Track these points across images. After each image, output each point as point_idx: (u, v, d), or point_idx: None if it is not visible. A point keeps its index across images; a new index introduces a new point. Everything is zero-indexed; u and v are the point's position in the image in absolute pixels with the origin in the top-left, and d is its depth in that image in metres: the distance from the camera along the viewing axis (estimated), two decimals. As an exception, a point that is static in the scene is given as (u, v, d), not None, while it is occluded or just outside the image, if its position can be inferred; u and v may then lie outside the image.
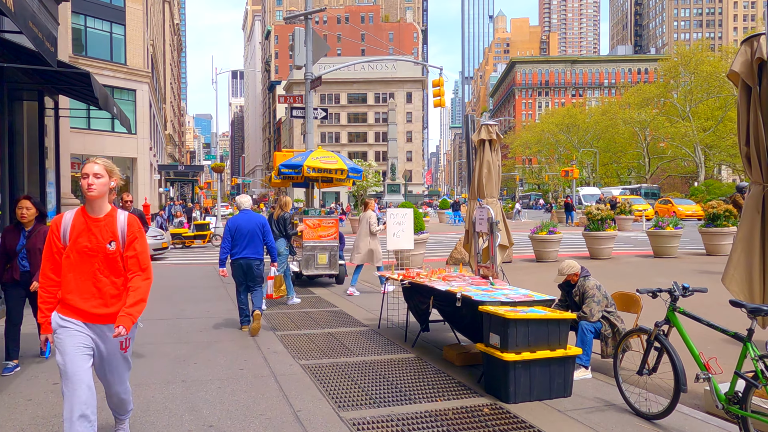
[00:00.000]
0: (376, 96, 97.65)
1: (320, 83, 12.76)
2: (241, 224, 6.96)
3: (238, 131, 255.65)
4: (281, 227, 8.92)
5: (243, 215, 7.08)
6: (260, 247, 7.02)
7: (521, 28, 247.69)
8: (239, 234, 6.93)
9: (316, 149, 11.22)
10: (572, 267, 5.35)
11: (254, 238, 6.95)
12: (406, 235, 7.36)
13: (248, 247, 6.91)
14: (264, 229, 7.03)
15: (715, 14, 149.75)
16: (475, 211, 6.26)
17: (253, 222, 7.01)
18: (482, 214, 6.07)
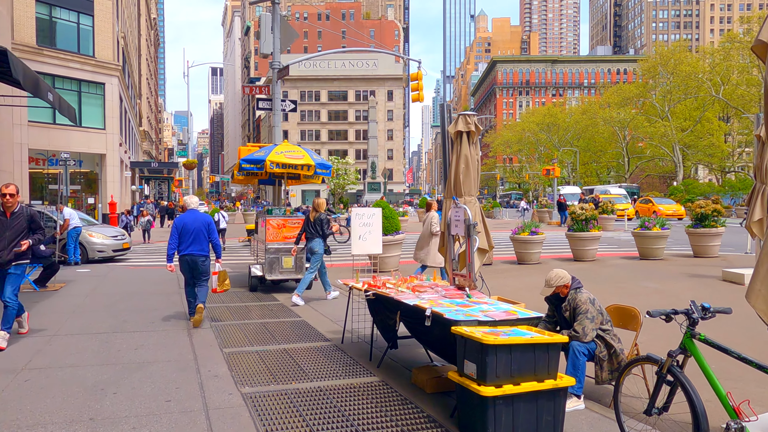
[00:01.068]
0: (356, 93, 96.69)
1: (288, 73, 11.88)
2: (187, 223, 7.38)
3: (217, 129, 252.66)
4: (318, 228, 9.16)
5: (190, 214, 7.51)
6: (205, 244, 7.42)
7: (502, 28, 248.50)
8: (185, 231, 7.34)
9: (281, 143, 10.33)
10: (561, 278, 4.57)
11: (199, 235, 7.36)
12: (374, 238, 6.53)
13: (193, 244, 7.33)
14: (209, 228, 7.44)
15: (693, 16, 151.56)
16: (450, 211, 5.46)
17: (199, 221, 7.42)
18: (458, 215, 5.27)
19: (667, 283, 9.96)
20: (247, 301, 9.24)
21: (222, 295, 9.71)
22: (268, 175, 11.06)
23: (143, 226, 21.76)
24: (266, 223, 9.87)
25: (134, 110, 54.05)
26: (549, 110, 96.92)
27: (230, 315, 8.07)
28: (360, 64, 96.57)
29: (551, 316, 4.79)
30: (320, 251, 9.13)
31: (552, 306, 4.80)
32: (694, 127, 65.77)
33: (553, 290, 4.58)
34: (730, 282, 9.75)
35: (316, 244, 9.10)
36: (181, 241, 7.32)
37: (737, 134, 77.73)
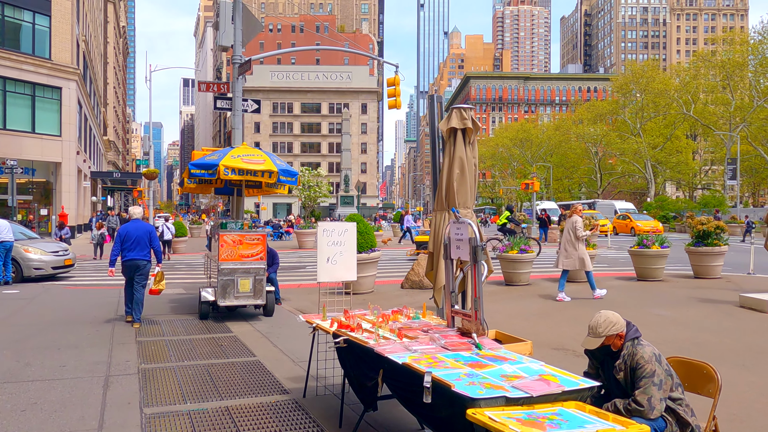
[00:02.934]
0: (330, 106, 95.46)
1: (249, 68, 10.46)
2: (130, 231, 8.19)
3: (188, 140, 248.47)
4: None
5: (133, 223, 8.34)
6: (147, 250, 8.24)
7: (475, 45, 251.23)
8: (128, 239, 8.13)
9: (239, 146, 8.88)
10: (613, 324, 3.24)
11: (141, 242, 8.17)
12: (346, 261, 5.13)
13: (136, 249, 8.14)
14: (151, 236, 8.28)
15: (660, 37, 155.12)
16: (449, 227, 4.13)
17: (141, 229, 8.28)
18: (460, 233, 3.93)
19: (680, 310, 8.77)
20: (193, 333, 7.71)
21: (165, 326, 8.16)
22: (223, 182, 9.59)
23: (96, 240, 19.83)
24: (220, 238, 8.38)
25: (97, 119, 51.72)
26: (522, 126, 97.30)
27: (169, 353, 6.55)
28: (334, 76, 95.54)
29: (594, 375, 3.44)
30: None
31: (595, 361, 3.46)
32: (665, 145, 66.26)
33: (603, 341, 3.24)
34: (749, 309, 8.61)
35: None
36: (124, 248, 8.12)
37: (704, 152, 78.85)
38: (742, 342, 6.75)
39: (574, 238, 9.93)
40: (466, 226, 3.94)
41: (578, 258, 9.89)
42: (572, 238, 9.96)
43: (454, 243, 4.05)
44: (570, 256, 9.96)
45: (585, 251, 9.95)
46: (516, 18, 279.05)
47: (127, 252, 8.06)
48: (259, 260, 8.61)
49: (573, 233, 9.94)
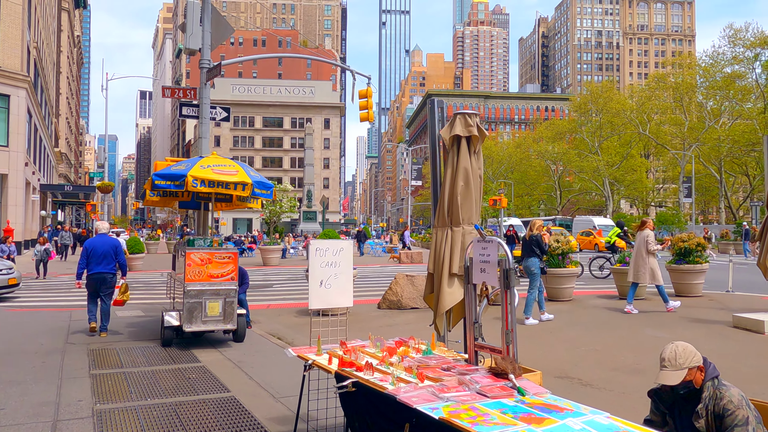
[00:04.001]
0: (292, 120, 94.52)
1: (219, 73, 9.71)
2: (96, 246, 8.49)
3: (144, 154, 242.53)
4: (533, 247, 9.50)
5: (99, 238, 8.67)
6: (113, 264, 8.53)
7: (436, 63, 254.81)
8: (94, 253, 8.43)
9: (209, 155, 8.14)
10: (694, 353, 2.71)
11: (107, 256, 8.47)
12: (342, 284, 4.49)
13: (102, 263, 8.44)
14: (117, 250, 8.57)
15: (613, 59, 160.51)
16: (471, 247, 3.56)
17: (107, 244, 8.57)
18: (488, 254, 3.37)
19: (675, 332, 8.42)
20: (156, 363, 6.88)
21: (123, 355, 7.30)
22: (190, 195, 8.81)
23: (39, 256, 18.35)
24: (186, 257, 7.59)
25: (49, 129, 49.44)
26: (484, 143, 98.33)
27: (129, 389, 5.72)
28: (296, 91, 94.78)
29: (656, 423, 2.89)
30: (537, 270, 9.45)
31: (661, 405, 2.91)
32: (622, 163, 67.98)
33: (685, 375, 2.68)
34: (744, 330, 8.33)
35: (532, 263, 9.48)
36: (90, 262, 8.38)
37: (657, 171, 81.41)
38: (759, 368, 6.39)
39: (645, 252, 10.00)
40: (494, 246, 3.37)
41: (649, 271, 9.93)
42: (643, 252, 10.04)
43: (478, 265, 3.48)
44: (641, 269, 9.99)
45: (656, 265, 10.06)
46: (476, 38, 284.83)
47: (94, 265, 8.35)
48: (230, 281, 7.85)
49: (645, 247, 10.03)
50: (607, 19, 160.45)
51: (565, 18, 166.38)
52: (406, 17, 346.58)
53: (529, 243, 9.54)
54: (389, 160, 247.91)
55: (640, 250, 10.12)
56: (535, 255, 9.52)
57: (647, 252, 9.99)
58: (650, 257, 9.98)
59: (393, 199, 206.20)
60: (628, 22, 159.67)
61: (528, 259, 9.55)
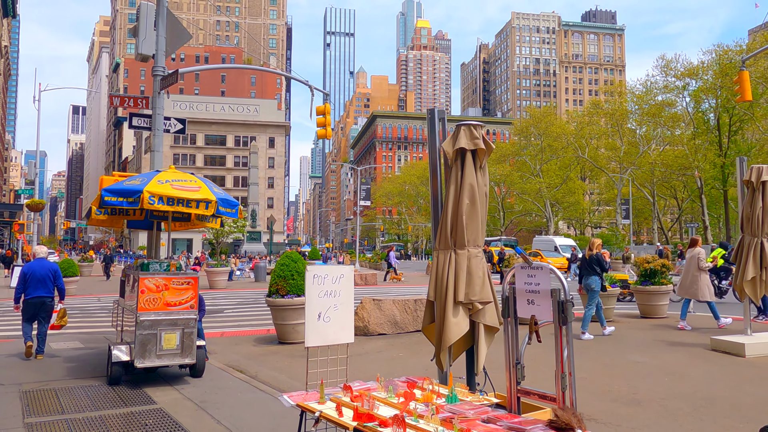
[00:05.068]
0: (236, 139, 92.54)
1: (176, 80, 8.89)
2: (34, 270, 8.39)
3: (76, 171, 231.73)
4: (594, 265, 9.90)
5: (37, 262, 8.57)
6: (51, 287, 8.42)
7: (381, 85, 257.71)
8: (33, 277, 8.34)
9: (166, 169, 7.34)
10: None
11: (45, 280, 8.38)
12: (342, 317, 3.88)
13: (40, 288, 8.35)
14: (55, 274, 8.46)
15: (551, 86, 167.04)
16: (514, 274, 3.05)
17: (45, 268, 8.46)
18: (537, 283, 2.87)
19: (656, 356, 8.21)
20: (104, 407, 5.97)
21: (63, 397, 6.33)
22: (144, 213, 7.95)
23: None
24: (140, 282, 6.74)
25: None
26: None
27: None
28: (240, 109, 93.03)
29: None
30: (597, 288, 9.91)
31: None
32: (562, 185, 70.14)
33: None
34: (723, 353, 8.21)
35: (593, 281, 9.90)
36: (28, 286, 8.32)
37: (594, 194, 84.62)
38: (753, 395, 6.16)
39: (697, 269, 10.35)
40: (545, 274, 2.88)
41: (701, 288, 10.27)
42: (694, 270, 10.41)
43: (524, 295, 2.98)
44: (699, 287, 10.28)
45: (708, 281, 10.42)
46: (419, 62, 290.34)
47: (31, 290, 8.30)
48: (189, 309, 7.04)
49: (696, 264, 10.40)
50: (545, 47, 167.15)
51: (505, 45, 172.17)
52: (351, 39, 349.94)
53: (590, 262, 10.00)
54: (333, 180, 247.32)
55: (691, 267, 10.49)
56: (596, 273, 9.95)
57: (699, 269, 10.34)
58: (702, 274, 10.35)
59: (337, 220, 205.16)
60: (564, 51, 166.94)
61: (589, 277, 9.98)
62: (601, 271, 9.96)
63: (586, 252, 10.27)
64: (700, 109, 53.63)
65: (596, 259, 9.93)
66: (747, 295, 8.39)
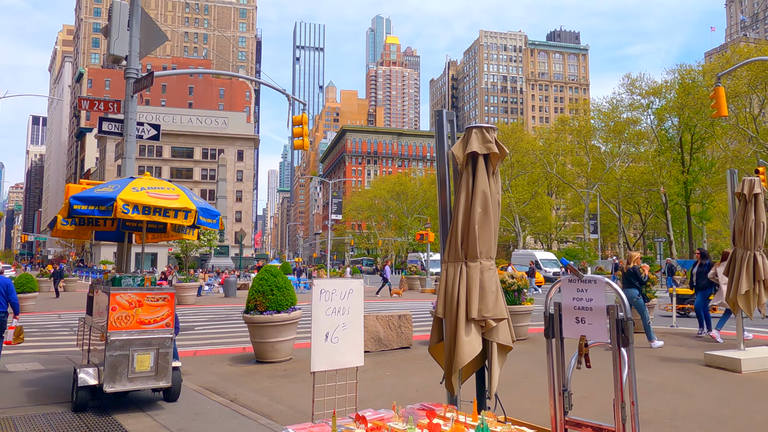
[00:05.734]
0: (203, 151, 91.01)
1: (150, 83, 8.34)
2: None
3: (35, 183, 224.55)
4: (632, 278, 10.17)
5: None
6: (4, 303, 8.08)
7: (350, 100, 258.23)
8: None
9: (141, 176, 6.81)
10: None
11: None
12: (351, 337, 3.47)
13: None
14: (8, 289, 8.13)
15: (518, 103, 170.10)
16: (560, 288, 2.70)
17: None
18: (588, 299, 2.53)
19: (653, 372, 7.98)
20: (69, 437, 5.37)
21: (23, 427, 5.70)
22: (115, 224, 7.38)
23: None
24: (110, 299, 6.18)
25: None
26: (399, 178, 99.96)
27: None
28: (209, 121, 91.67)
29: None
30: (639, 299, 10.15)
31: None
32: (530, 201, 70.98)
33: None
34: (719, 368, 8.04)
35: (632, 294, 10.10)
36: None
37: (561, 209, 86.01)
38: (763, 413, 5.95)
39: None
40: (599, 288, 2.54)
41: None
42: None
43: (573, 313, 2.64)
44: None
45: None
46: (388, 78, 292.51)
47: None
48: (164, 327, 6.50)
49: None
50: (512, 65, 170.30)
51: (473, 62, 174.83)
52: (320, 54, 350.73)
53: (628, 275, 10.25)
54: (302, 194, 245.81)
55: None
56: (634, 286, 10.19)
57: None
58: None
59: (306, 234, 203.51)
60: (530, 69, 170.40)
61: (628, 290, 10.16)
62: (639, 283, 10.18)
63: (624, 265, 10.55)
64: (663, 126, 55.04)
65: (633, 272, 10.21)
66: (740, 309, 8.27)
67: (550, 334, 2.82)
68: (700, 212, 56.05)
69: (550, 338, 2.83)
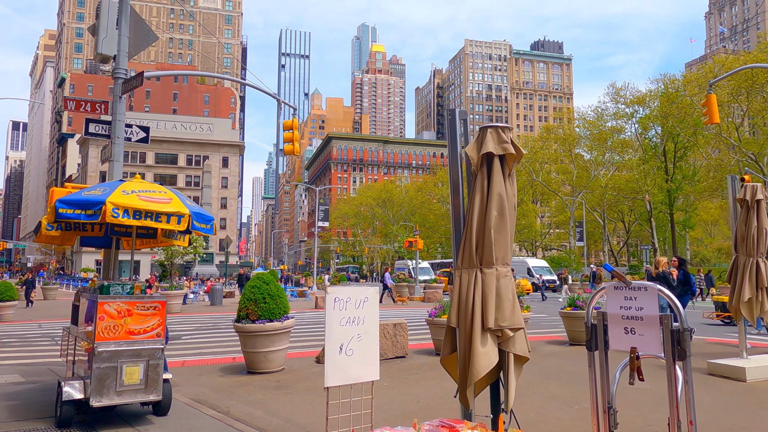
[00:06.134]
0: (188, 158, 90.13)
1: (140, 84, 8.04)
2: None
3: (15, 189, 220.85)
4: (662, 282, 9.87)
5: None
6: None
7: (336, 107, 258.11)
8: None
9: (131, 179, 6.52)
10: None
11: None
12: (366, 349, 3.24)
13: None
14: None
15: (503, 111, 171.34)
16: (606, 294, 2.48)
17: None
18: (638, 308, 2.28)
19: (656, 382, 7.77)
20: (53, 455, 5.04)
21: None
22: (103, 229, 7.06)
23: None
24: (98, 308, 5.86)
25: None
26: (385, 186, 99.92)
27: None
28: (193, 127, 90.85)
29: None
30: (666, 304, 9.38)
31: None
32: (516, 208, 71.29)
33: None
34: (723, 377, 7.91)
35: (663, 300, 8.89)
36: None
37: (545, 217, 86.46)
38: (776, 424, 5.79)
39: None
40: (650, 296, 2.34)
41: None
42: None
43: (621, 323, 2.42)
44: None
45: None
46: (374, 85, 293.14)
47: None
48: (155, 338, 6.18)
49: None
50: (497, 74, 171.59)
51: (458, 71, 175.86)
52: (306, 61, 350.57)
53: (657, 280, 10.17)
54: (287, 201, 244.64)
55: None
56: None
57: None
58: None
59: (291, 242, 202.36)
60: (515, 78, 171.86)
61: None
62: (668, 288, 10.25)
63: (652, 270, 10.71)
64: (647, 135, 55.64)
65: (662, 277, 10.30)
66: (743, 317, 8.16)
67: (593, 346, 2.60)
68: (684, 220, 56.65)
69: (592, 350, 2.61)
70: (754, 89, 40.80)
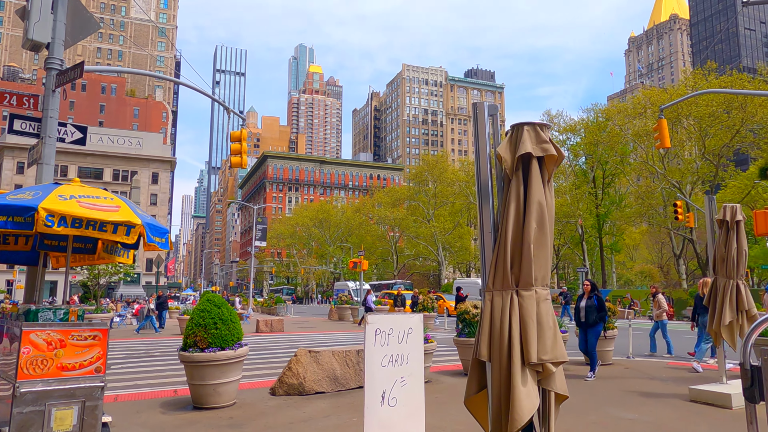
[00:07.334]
0: (114, 173, 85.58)
1: (80, 75, 6.94)
2: None
3: None
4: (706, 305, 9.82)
5: None
6: None
7: (272, 126, 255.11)
8: None
9: (69, 183, 5.46)
10: None
11: None
12: (410, 396, 2.46)
13: None
14: None
15: (438, 136, 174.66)
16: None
17: None
18: None
19: (642, 411, 7.41)
20: None
21: None
22: (30, 242, 5.91)
23: None
24: (22, 338, 4.77)
25: None
26: (322, 206, 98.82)
27: None
28: (121, 141, 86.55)
29: None
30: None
31: None
32: (453, 231, 72.07)
33: None
34: (706, 404, 7.61)
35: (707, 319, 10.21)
36: None
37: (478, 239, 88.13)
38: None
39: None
40: None
41: None
42: None
43: None
44: None
45: None
46: (311, 106, 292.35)
47: None
48: (93, 373, 5.12)
49: None
50: (432, 99, 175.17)
51: (396, 95, 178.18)
52: (242, 79, 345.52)
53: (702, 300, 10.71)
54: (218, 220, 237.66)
55: None
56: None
57: None
58: None
59: (222, 262, 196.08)
60: (450, 104, 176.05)
61: (705, 316, 10.70)
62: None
63: (700, 291, 11.25)
64: (578, 162, 57.82)
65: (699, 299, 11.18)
66: (723, 340, 7.94)
67: (756, 397, 1.95)
68: (611, 244, 58.90)
69: (754, 403, 1.97)
70: (679, 120, 43.16)
